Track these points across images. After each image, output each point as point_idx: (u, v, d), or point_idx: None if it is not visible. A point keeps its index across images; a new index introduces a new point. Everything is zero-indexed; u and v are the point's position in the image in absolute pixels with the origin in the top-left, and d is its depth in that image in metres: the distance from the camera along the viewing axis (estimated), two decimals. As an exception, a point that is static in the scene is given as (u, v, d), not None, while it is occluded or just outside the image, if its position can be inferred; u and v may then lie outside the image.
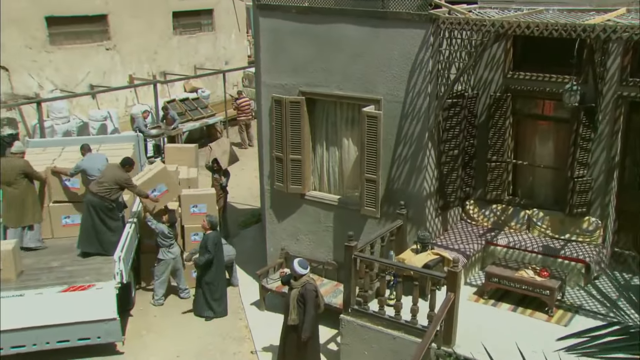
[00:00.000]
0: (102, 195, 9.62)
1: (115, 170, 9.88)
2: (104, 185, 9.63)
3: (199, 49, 21.68)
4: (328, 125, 9.56)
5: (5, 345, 8.56)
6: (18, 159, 10.09)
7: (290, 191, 9.84)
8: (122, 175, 9.87)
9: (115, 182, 9.70)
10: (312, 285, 7.84)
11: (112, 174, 9.75)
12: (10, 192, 9.79)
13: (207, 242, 9.62)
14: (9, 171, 9.75)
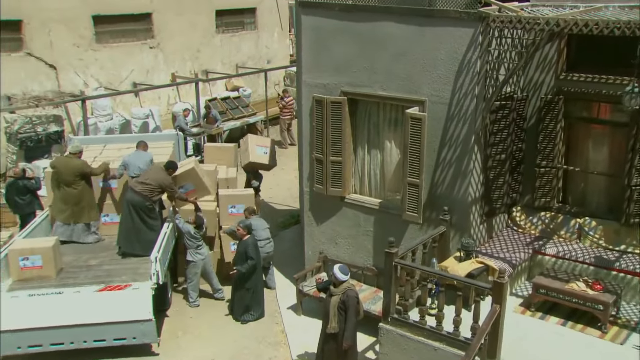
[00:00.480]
0: (145, 195, 9.56)
1: (160, 172, 9.86)
2: (147, 185, 9.58)
3: (241, 47, 21.65)
4: (370, 126, 9.28)
5: (45, 342, 8.58)
6: (75, 160, 10.06)
7: (330, 194, 9.61)
8: (166, 178, 9.85)
9: (159, 185, 9.68)
10: (354, 292, 7.58)
11: (157, 176, 9.73)
12: (68, 192, 9.89)
13: (247, 249, 9.46)
14: (66, 171, 9.86)
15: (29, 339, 8.53)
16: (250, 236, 9.59)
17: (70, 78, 16.97)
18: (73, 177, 9.83)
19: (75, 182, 9.87)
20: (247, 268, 9.42)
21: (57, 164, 10.03)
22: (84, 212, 10.05)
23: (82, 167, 9.93)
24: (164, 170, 9.94)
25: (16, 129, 15.45)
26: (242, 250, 9.51)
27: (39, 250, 8.84)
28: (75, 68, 16.99)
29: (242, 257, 9.49)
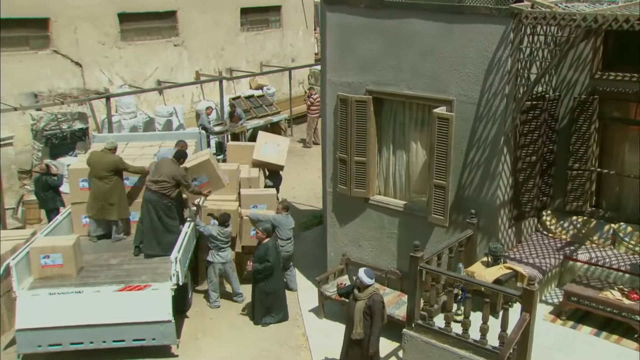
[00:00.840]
0: (162, 193, 9.42)
1: (171, 165, 9.61)
2: (161, 183, 9.40)
3: (265, 45, 21.54)
4: (395, 126, 9.04)
5: (65, 342, 8.50)
6: (110, 155, 9.94)
7: (353, 195, 9.39)
8: (177, 170, 9.59)
9: (172, 178, 9.43)
10: (379, 296, 7.35)
11: (168, 170, 9.49)
12: (99, 187, 9.77)
13: (268, 251, 9.28)
14: (99, 165, 9.75)
15: (49, 337, 8.46)
16: (270, 239, 9.40)
17: (96, 75, 17.00)
18: (106, 172, 9.71)
19: (107, 178, 9.74)
20: (264, 267, 9.24)
21: (91, 158, 9.94)
22: (114, 208, 9.88)
23: (117, 163, 9.79)
24: (174, 162, 9.68)
25: (42, 126, 15.50)
26: (262, 254, 9.30)
27: (60, 248, 8.77)
28: (101, 65, 17.01)
29: (262, 260, 9.32)
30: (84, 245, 9.56)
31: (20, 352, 8.52)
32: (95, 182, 9.78)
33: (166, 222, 9.47)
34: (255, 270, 9.34)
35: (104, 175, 9.73)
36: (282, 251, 10.13)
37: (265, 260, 9.23)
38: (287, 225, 10.25)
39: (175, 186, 9.54)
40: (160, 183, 9.39)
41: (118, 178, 9.83)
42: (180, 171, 9.63)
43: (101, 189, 9.74)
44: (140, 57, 17.89)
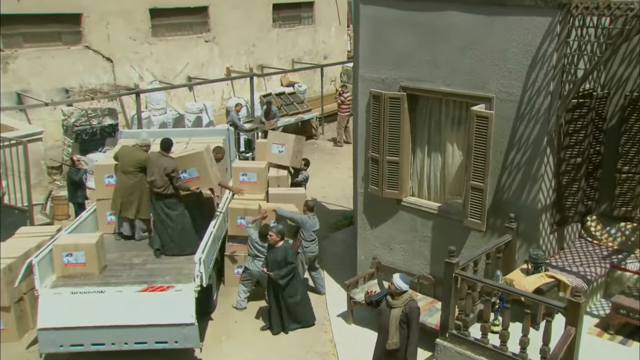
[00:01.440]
0: (157, 193, 9.03)
1: (160, 158, 9.06)
2: (154, 182, 8.97)
3: (297, 42, 21.24)
4: (431, 124, 8.61)
5: (86, 342, 8.29)
6: (141, 151, 9.59)
7: (385, 196, 8.99)
8: (165, 161, 8.98)
9: (161, 173, 8.92)
10: (416, 303, 6.92)
11: (157, 163, 8.99)
12: (124, 181, 9.55)
13: (287, 254, 8.85)
14: (127, 160, 9.50)
15: (71, 337, 8.25)
16: (285, 241, 8.95)
17: (126, 71, 16.91)
18: (133, 168, 9.43)
19: (132, 174, 9.45)
20: (287, 272, 8.77)
21: (121, 152, 9.70)
22: (133, 206, 9.61)
23: (145, 161, 9.36)
24: (162, 154, 9.11)
25: (72, 121, 15.47)
26: (279, 258, 8.77)
27: (83, 246, 8.56)
28: (131, 61, 16.92)
29: (281, 265, 8.79)
30: (107, 243, 9.34)
31: (42, 351, 8.34)
32: (121, 176, 9.55)
33: (175, 220, 9.15)
34: (279, 276, 8.82)
35: (130, 170, 9.48)
36: (306, 252, 9.82)
37: (288, 263, 8.83)
38: (312, 226, 9.90)
39: (170, 182, 9.05)
40: (153, 183, 9.00)
41: (143, 176, 9.43)
42: (169, 162, 9.00)
43: (124, 184, 9.49)
44: (170, 53, 17.75)
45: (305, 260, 9.98)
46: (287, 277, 8.83)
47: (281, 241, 8.86)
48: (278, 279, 8.77)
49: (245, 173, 10.65)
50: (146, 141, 9.79)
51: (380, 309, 7.11)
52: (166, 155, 9.13)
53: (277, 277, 8.74)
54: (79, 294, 8.27)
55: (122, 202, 9.58)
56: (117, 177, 9.69)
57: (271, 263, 8.83)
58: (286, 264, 8.76)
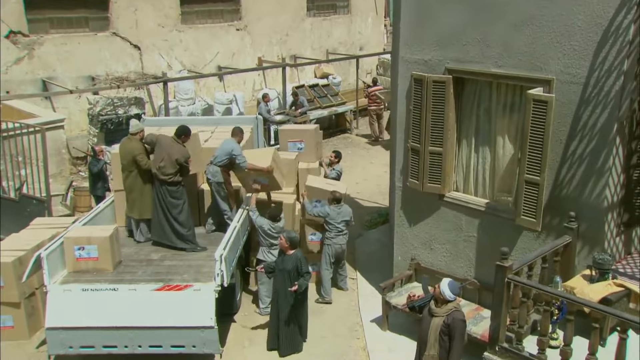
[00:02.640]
0: (163, 179, 8.33)
1: (173, 145, 8.39)
2: (163, 168, 8.28)
3: (332, 32, 20.41)
4: (479, 111, 7.71)
5: (98, 344, 7.62)
6: (133, 142, 8.69)
7: (426, 190, 8.12)
8: (180, 150, 8.35)
9: (172, 162, 8.25)
10: (462, 314, 6.06)
11: (167, 151, 8.31)
12: (123, 179, 8.80)
13: (300, 264, 7.76)
14: (123, 155, 8.70)
15: (81, 338, 7.59)
16: (297, 250, 7.92)
17: (154, 60, 16.32)
18: (126, 161, 8.61)
19: (127, 169, 8.64)
20: (308, 282, 7.88)
21: (119, 146, 8.99)
22: (134, 206, 8.78)
23: (134, 151, 8.49)
24: (175, 141, 8.44)
25: (98, 110, 14.92)
26: (289, 267, 7.74)
27: (96, 239, 7.90)
28: (160, 49, 16.32)
29: (291, 276, 7.76)
30: (124, 237, 8.72)
31: (51, 352, 7.70)
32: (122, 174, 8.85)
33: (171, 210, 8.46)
34: (302, 288, 7.78)
35: (125, 165, 8.66)
36: (332, 244, 9.12)
37: (304, 273, 7.79)
38: (338, 218, 9.12)
39: (179, 171, 8.40)
40: (160, 169, 8.30)
41: (139, 172, 8.59)
42: (182, 151, 8.37)
43: (124, 182, 8.77)
44: (200, 41, 17.10)
45: (332, 253, 9.19)
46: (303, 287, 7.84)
47: (292, 250, 7.84)
48: (300, 291, 7.78)
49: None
50: (138, 127, 8.81)
51: (422, 316, 6.27)
52: (180, 143, 8.46)
53: (300, 289, 7.71)
54: (90, 291, 7.62)
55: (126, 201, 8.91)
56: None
57: (278, 272, 7.86)
58: (299, 274, 7.74)
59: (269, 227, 8.61)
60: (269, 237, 8.65)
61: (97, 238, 7.92)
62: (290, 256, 7.79)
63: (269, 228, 8.61)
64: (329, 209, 9.19)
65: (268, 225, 8.62)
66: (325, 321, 8.88)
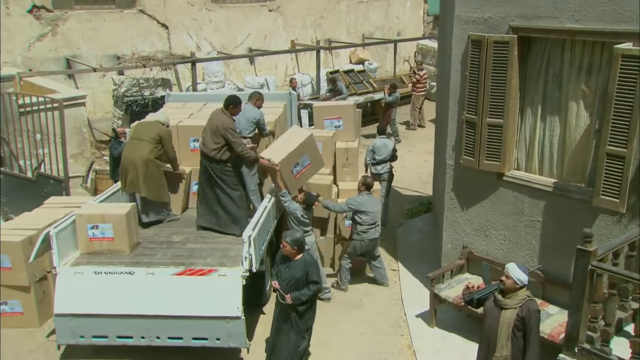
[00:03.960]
0: (211, 157, 7.48)
1: (219, 116, 7.52)
2: (208, 143, 7.45)
3: (369, 16, 19.44)
4: (548, 76, 6.68)
5: (111, 334, 6.80)
6: (162, 126, 8.02)
7: (483, 168, 7.13)
8: (225, 121, 7.47)
9: (216, 134, 7.40)
10: (536, 304, 5.08)
11: (213, 123, 7.46)
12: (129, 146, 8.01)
13: (309, 271, 6.10)
14: (144, 130, 7.94)
15: (93, 327, 6.78)
16: (305, 254, 6.23)
17: (183, 40, 15.55)
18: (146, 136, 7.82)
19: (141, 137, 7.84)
20: (311, 294, 6.13)
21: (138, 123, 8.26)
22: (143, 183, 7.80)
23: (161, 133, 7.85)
24: (223, 112, 7.59)
25: (123, 91, 14.17)
26: (298, 275, 6.08)
27: (111, 217, 7.08)
28: (188, 29, 15.55)
29: (298, 286, 6.12)
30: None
31: (61, 342, 6.91)
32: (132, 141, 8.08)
33: (219, 191, 7.59)
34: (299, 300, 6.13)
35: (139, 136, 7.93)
36: (364, 239, 8.16)
37: (311, 282, 6.13)
38: (370, 207, 8.16)
39: (225, 145, 7.50)
40: (207, 144, 7.47)
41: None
42: (228, 122, 7.50)
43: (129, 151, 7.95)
44: (231, 22, 16.29)
45: (361, 248, 8.26)
46: (307, 304, 6.22)
47: (299, 254, 6.15)
48: (297, 303, 6.15)
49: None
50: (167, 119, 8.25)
51: (485, 311, 5.28)
52: (226, 115, 7.60)
53: (295, 301, 6.12)
54: (104, 274, 6.80)
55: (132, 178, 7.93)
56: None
57: (284, 281, 6.16)
58: (307, 283, 6.12)
59: (302, 213, 7.72)
60: (301, 225, 7.76)
61: (113, 216, 7.10)
62: (298, 262, 6.12)
63: (302, 214, 7.72)
64: (360, 198, 8.23)
65: (301, 211, 7.72)
66: (364, 316, 7.95)
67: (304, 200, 7.77)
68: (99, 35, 14.23)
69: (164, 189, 8.01)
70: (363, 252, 8.34)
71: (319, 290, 6.45)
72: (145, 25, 14.91)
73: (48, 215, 8.16)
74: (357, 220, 8.16)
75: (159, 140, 7.83)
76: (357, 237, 8.21)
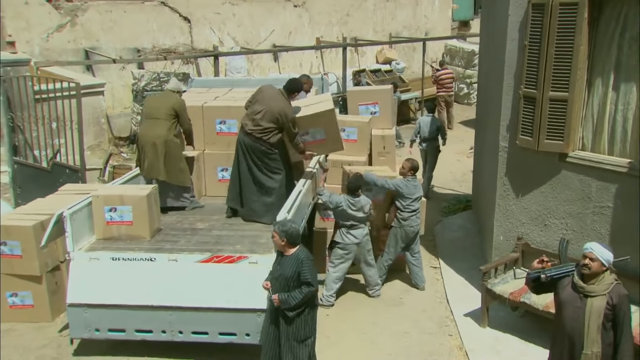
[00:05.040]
0: (257, 137, 6.82)
1: (278, 98, 6.89)
2: (258, 121, 6.78)
3: (396, 14, 18.83)
4: (623, 40, 5.94)
5: (129, 327, 6.12)
6: (174, 96, 7.37)
7: (543, 149, 6.40)
8: (285, 106, 6.85)
9: (274, 118, 6.78)
10: (624, 289, 4.31)
11: (273, 105, 6.80)
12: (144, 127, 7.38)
13: (302, 269, 5.09)
14: (156, 105, 7.27)
15: (109, 319, 6.11)
16: (302, 249, 5.24)
17: (205, 34, 15.00)
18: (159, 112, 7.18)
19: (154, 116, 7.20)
20: (302, 299, 5.08)
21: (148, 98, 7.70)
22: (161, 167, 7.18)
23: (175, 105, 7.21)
24: (283, 95, 6.96)
25: (143, 85, 13.62)
26: (288, 274, 5.13)
27: (131, 199, 6.42)
28: (211, 23, 15.00)
29: (289, 286, 5.15)
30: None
31: (74, 336, 6.26)
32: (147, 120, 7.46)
33: (260, 175, 6.91)
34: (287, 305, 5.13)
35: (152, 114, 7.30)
36: (404, 226, 7.42)
37: (303, 283, 5.09)
38: (411, 193, 7.43)
39: (277, 130, 6.88)
40: (256, 121, 6.79)
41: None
42: (288, 109, 6.89)
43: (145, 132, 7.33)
44: (255, 17, 15.73)
45: (403, 237, 7.50)
46: (299, 309, 5.18)
47: (292, 248, 5.21)
48: (285, 307, 5.16)
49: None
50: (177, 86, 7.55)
51: (561, 301, 4.48)
52: (286, 98, 6.97)
53: (283, 304, 5.14)
54: (122, 260, 6.14)
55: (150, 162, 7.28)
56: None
57: (276, 280, 5.25)
58: (300, 284, 5.13)
59: (347, 203, 7.03)
60: (347, 218, 7.09)
61: (133, 197, 6.44)
62: (290, 258, 5.18)
63: (348, 204, 7.03)
64: (401, 182, 7.52)
65: (346, 201, 7.04)
66: (406, 314, 7.20)
67: (348, 185, 7.07)
68: (119, 27, 13.71)
69: (185, 172, 7.36)
70: (404, 244, 7.59)
71: (312, 294, 5.15)
72: (167, 18, 14.39)
73: (62, 201, 7.50)
74: (398, 206, 7.45)
75: (174, 114, 7.18)
76: (397, 224, 7.49)
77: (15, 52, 10.20)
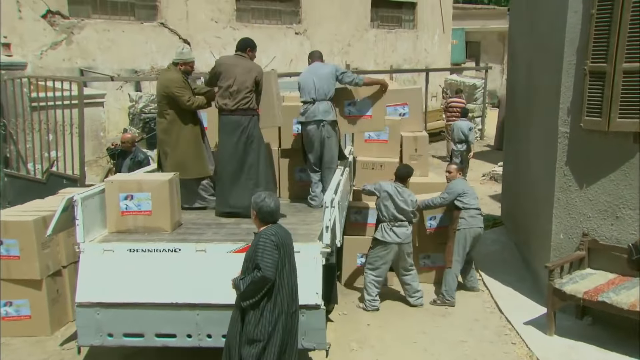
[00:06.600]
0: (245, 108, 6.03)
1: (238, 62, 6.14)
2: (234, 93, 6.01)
3: (397, 47, 18.55)
4: None
5: (149, 331, 5.15)
6: (171, 72, 6.33)
7: (614, 129, 5.75)
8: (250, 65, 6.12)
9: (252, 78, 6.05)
10: None
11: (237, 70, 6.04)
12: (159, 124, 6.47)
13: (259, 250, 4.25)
14: (158, 89, 6.38)
15: (126, 322, 5.14)
16: (270, 227, 4.39)
17: (205, 57, 14.35)
18: (161, 98, 6.30)
19: (163, 109, 6.30)
20: (248, 282, 4.24)
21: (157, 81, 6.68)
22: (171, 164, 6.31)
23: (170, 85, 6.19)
24: (243, 56, 6.24)
25: (140, 107, 12.91)
26: (249, 254, 4.39)
27: (150, 185, 5.57)
28: (211, 46, 14.45)
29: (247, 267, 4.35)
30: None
31: (82, 343, 5.24)
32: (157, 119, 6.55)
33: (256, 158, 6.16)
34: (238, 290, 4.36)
35: (159, 104, 6.36)
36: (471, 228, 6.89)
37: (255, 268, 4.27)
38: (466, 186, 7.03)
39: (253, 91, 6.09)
40: (235, 95, 6.00)
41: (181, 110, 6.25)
42: (254, 65, 6.20)
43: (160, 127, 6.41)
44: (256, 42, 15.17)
45: (470, 239, 6.77)
46: (252, 299, 4.29)
47: (262, 225, 4.42)
48: (239, 295, 4.37)
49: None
50: (184, 55, 6.43)
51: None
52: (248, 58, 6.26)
53: (236, 288, 4.38)
54: (141, 252, 5.24)
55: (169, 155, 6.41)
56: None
57: (245, 262, 4.44)
58: (254, 267, 4.28)
59: (395, 190, 6.35)
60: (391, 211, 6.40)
61: (152, 182, 5.60)
62: (256, 236, 4.39)
63: (396, 192, 6.35)
64: (452, 185, 6.90)
65: (393, 188, 6.34)
66: (456, 323, 6.36)
67: (397, 172, 6.43)
68: (117, 46, 13.10)
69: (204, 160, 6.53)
70: (470, 247, 6.86)
71: (262, 282, 4.21)
72: (166, 39, 13.82)
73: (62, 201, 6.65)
74: (460, 206, 6.79)
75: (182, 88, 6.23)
76: (462, 226, 6.80)
77: (11, 55, 9.45)
